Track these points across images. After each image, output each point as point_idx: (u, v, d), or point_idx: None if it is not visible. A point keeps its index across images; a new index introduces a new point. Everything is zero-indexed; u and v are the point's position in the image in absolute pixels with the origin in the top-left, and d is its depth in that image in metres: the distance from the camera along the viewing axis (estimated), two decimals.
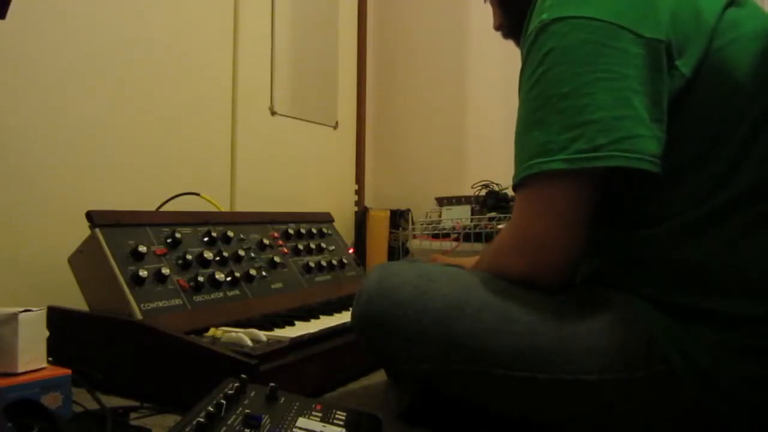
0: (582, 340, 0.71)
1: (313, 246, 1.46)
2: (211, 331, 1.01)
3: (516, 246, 0.75)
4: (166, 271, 1.08)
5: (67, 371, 0.83)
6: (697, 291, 0.69)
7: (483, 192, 1.88)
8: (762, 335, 0.66)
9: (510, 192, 1.60)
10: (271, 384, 0.71)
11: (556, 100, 0.69)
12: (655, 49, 0.68)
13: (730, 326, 0.67)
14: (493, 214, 1.74)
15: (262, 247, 1.33)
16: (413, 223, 2.08)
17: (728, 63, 0.70)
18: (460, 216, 1.82)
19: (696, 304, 0.68)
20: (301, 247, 1.42)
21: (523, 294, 0.74)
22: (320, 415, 0.69)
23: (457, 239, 1.77)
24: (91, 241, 1.07)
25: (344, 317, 1.13)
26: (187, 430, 0.58)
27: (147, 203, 1.34)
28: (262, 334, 0.98)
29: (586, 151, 0.67)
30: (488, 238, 1.66)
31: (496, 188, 1.88)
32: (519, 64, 0.78)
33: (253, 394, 0.70)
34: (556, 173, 0.69)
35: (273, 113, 1.97)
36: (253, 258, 1.29)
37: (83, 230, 1.07)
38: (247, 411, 0.65)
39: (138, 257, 1.07)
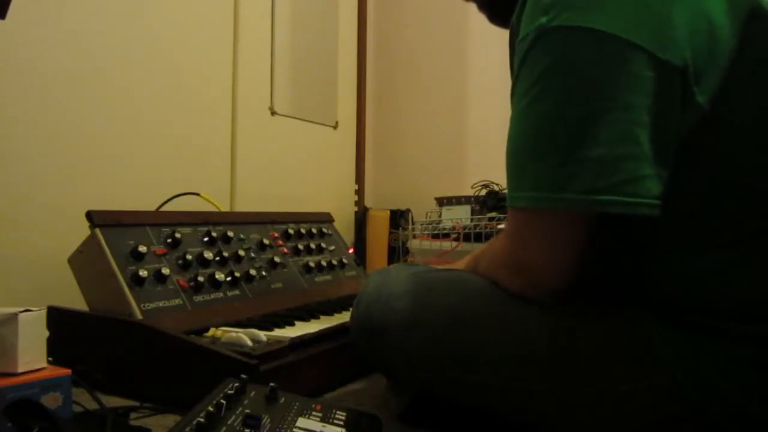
0: (582, 351, 0.70)
1: (313, 246, 1.46)
2: (211, 331, 1.01)
3: (510, 267, 0.73)
4: (166, 271, 1.08)
5: (67, 371, 0.83)
6: (699, 310, 0.67)
7: (483, 192, 1.88)
8: (764, 349, 0.65)
9: None
10: (271, 384, 0.71)
11: (553, 128, 0.64)
12: (670, 75, 0.61)
13: (732, 340, 0.66)
14: (493, 214, 1.73)
15: (262, 247, 1.33)
16: (413, 223, 2.08)
17: (747, 90, 0.65)
18: (460, 216, 1.82)
19: (697, 320, 0.67)
20: (301, 247, 1.42)
21: (523, 305, 0.73)
22: (320, 415, 0.69)
23: (457, 239, 1.77)
24: (91, 241, 1.06)
25: (344, 317, 1.13)
26: (187, 430, 0.58)
27: (147, 203, 1.34)
28: (262, 334, 0.98)
29: (583, 192, 0.62)
30: (488, 238, 1.66)
31: (496, 188, 1.88)
32: None
33: (253, 394, 0.70)
34: (549, 209, 0.66)
35: (273, 113, 1.97)
36: (253, 258, 1.29)
37: (83, 230, 1.07)
38: (247, 411, 0.65)
39: (138, 257, 1.07)
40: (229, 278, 1.19)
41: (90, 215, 1.07)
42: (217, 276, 1.16)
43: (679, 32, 0.62)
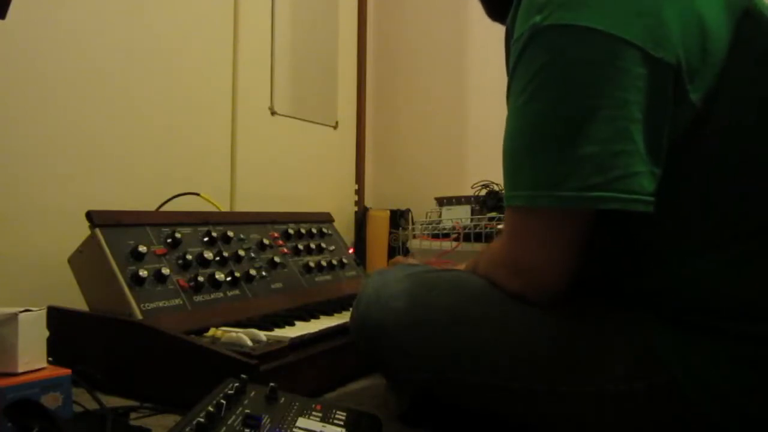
0: (582, 351, 0.70)
1: (313, 246, 1.46)
2: (211, 331, 1.01)
3: (509, 267, 0.73)
4: (166, 271, 1.08)
5: (67, 371, 0.83)
6: (699, 310, 0.67)
7: (483, 192, 1.88)
8: (764, 348, 0.65)
9: None
10: (271, 384, 0.71)
11: (549, 126, 0.65)
12: (663, 72, 0.62)
13: (732, 340, 0.65)
14: (493, 214, 1.73)
15: (262, 247, 1.33)
16: (413, 223, 2.08)
17: (742, 89, 0.65)
18: (460, 216, 1.82)
19: (697, 320, 0.67)
20: (301, 247, 1.42)
21: (523, 305, 0.73)
22: (320, 415, 0.69)
23: (457, 239, 1.77)
24: (91, 241, 1.07)
25: (344, 317, 1.13)
26: (187, 430, 0.58)
27: (147, 203, 1.34)
28: (262, 334, 0.98)
29: (579, 189, 0.62)
30: (488, 238, 1.66)
31: (496, 188, 1.88)
32: None
33: (253, 394, 0.70)
34: (546, 208, 0.66)
35: (273, 113, 1.97)
36: (253, 258, 1.29)
37: (83, 230, 1.07)
38: (247, 411, 0.65)
39: (138, 257, 1.07)
40: (229, 278, 1.19)
41: (90, 215, 1.07)
42: (217, 276, 1.16)
43: (671, 31, 0.62)
